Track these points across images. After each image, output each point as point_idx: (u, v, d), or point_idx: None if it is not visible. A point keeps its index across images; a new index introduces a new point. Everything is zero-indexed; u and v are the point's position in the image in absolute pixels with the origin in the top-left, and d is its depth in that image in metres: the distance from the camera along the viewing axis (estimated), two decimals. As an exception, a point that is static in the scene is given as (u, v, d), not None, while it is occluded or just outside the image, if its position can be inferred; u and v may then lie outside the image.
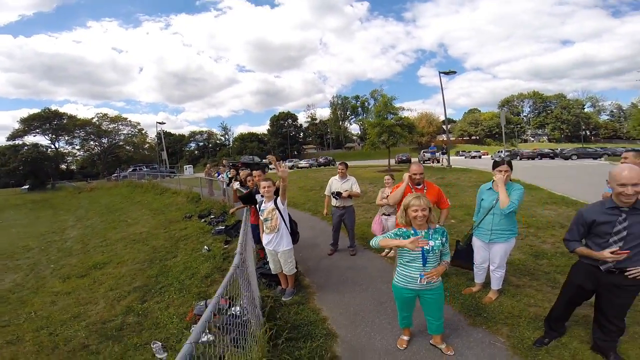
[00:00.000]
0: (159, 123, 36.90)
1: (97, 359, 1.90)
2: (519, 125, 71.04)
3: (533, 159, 35.04)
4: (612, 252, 2.35)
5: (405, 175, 3.64)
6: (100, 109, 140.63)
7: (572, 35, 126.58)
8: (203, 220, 9.00)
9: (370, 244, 2.67)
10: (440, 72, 19.83)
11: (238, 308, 3.03)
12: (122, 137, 64.38)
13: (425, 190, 3.64)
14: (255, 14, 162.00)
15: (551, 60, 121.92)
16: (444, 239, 2.59)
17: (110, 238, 9.42)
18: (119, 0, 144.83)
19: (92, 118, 60.53)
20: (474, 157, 41.90)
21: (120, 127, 63.87)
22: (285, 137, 75.67)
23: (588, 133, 71.54)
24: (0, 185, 45.09)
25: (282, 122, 77.47)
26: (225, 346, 2.60)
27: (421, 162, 32.48)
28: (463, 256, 3.98)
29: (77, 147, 60.87)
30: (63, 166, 59.73)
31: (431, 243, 2.52)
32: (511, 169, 3.33)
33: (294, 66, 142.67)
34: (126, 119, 64.74)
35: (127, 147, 64.38)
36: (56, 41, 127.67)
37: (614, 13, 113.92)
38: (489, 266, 3.69)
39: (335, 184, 5.39)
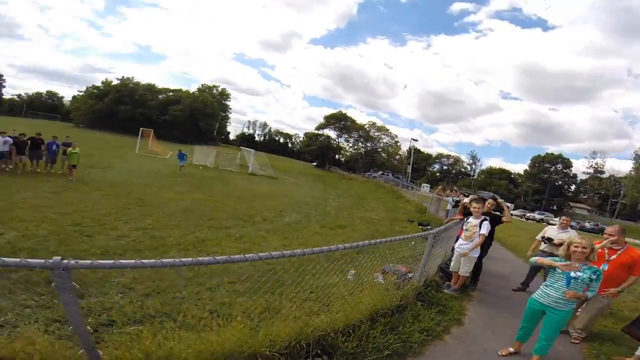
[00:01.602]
0: (413, 140, 41.25)
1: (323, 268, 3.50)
2: None
3: None
4: None
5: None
6: (371, 117, 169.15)
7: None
8: (421, 227, 10.24)
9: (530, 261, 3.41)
10: None
11: (410, 274, 4.41)
12: (381, 145, 75.92)
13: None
14: (523, 37, 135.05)
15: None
16: (594, 277, 2.90)
17: (353, 215, 12.55)
18: (388, 19, 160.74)
19: (365, 124, 74.85)
20: None
21: (382, 136, 75.44)
22: (546, 184, 62.95)
23: None
24: (301, 159, 66.41)
25: (548, 166, 64.74)
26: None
27: None
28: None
29: (350, 145, 77.57)
30: (337, 156, 78.26)
31: (579, 273, 2.91)
32: None
33: (581, 99, 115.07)
34: (388, 130, 75.50)
35: (383, 154, 75.25)
36: (347, 54, 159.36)
37: None
38: None
39: (551, 230, 5.52)
